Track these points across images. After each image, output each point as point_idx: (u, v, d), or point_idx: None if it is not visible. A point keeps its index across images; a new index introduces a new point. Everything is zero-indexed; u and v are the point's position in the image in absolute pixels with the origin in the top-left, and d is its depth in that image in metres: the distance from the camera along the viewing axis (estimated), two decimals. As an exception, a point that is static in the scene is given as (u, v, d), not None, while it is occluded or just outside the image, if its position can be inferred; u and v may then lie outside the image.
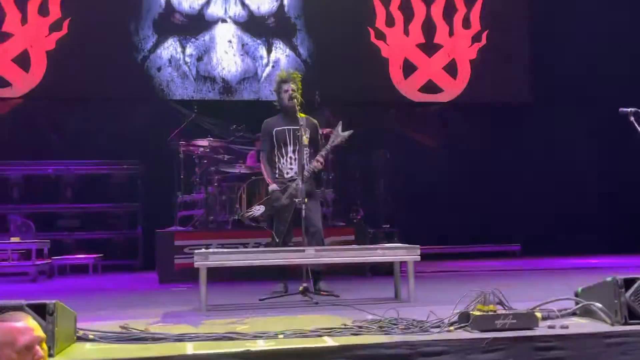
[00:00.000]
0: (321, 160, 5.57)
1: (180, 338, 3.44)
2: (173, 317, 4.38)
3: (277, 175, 5.69)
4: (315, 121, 5.88)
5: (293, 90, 5.67)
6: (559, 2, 10.71)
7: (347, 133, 5.54)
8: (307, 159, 5.60)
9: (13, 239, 7.98)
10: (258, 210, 5.76)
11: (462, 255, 9.72)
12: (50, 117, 9.56)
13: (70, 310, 3.41)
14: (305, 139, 5.51)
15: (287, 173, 5.66)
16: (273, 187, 5.65)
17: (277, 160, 5.72)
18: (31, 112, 9.54)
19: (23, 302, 3.09)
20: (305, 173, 5.50)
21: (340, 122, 5.60)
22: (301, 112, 5.59)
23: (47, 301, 3.13)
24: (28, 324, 2.38)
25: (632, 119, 5.20)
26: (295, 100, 5.62)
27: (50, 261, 8.15)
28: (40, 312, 3.08)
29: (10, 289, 6.87)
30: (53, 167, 9.10)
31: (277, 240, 5.54)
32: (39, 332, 2.39)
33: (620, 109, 5.27)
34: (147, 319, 4.13)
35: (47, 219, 8.94)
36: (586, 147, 10.64)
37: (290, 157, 5.67)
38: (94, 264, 8.37)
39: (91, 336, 3.49)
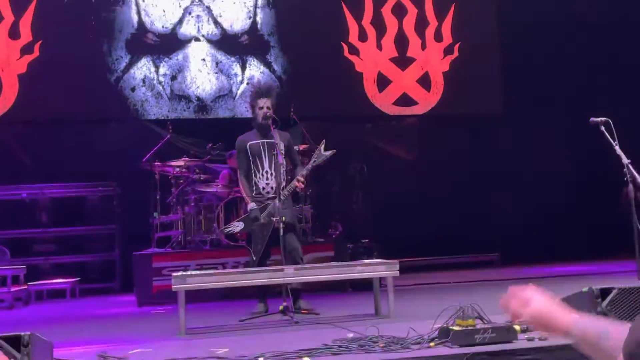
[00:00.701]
0: (302, 179, 5.55)
1: (159, 364, 3.41)
2: (152, 342, 4.33)
3: (254, 193, 5.66)
4: (287, 133, 5.90)
5: (268, 107, 5.65)
6: (528, 11, 10.84)
7: (329, 152, 5.53)
8: (284, 176, 5.60)
9: (-13, 266, 7.86)
10: (237, 226, 5.73)
11: (441, 267, 9.74)
12: (23, 141, 9.43)
13: (46, 340, 3.36)
14: (281, 155, 5.51)
15: (264, 189, 5.61)
16: (251, 205, 5.60)
17: (253, 175, 5.67)
18: (3, 136, 9.42)
19: (-4, 335, 3.05)
20: (285, 192, 5.49)
21: (323, 141, 5.61)
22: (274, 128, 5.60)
23: (21, 333, 3.08)
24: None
25: (602, 128, 5.30)
26: (270, 119, 5.60)
27: (26, 287, 8.01)
28: (15, 344, 3.04)
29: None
30: (27, 191, 8.98)
31: (254, 258, 5.51)
32: (12, 367, 2.36)
33: (591, 119, 5.37)
34: (125, 345, 4.07)
35: (22, 244, 8.80)
36: (560, 155, 10.76)
37: (267, 172, 5.63)
38: (72, 289, 8.26)
39: (68, 366, 3.44)
